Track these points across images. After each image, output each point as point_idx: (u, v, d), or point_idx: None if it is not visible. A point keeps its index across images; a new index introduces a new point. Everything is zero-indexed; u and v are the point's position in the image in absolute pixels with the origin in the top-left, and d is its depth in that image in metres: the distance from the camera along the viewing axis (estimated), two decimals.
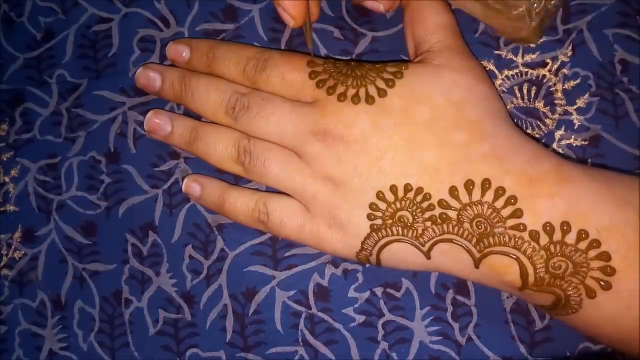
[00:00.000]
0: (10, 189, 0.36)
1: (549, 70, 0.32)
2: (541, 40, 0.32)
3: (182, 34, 0.35)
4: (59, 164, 0.36)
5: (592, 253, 0.26)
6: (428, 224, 0.28)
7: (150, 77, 0.34)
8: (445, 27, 0.30)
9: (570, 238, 0.26)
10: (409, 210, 0.28)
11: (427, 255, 0.28)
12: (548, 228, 0.26)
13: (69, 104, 0.36)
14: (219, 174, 0.34)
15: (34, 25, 0.37)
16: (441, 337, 0.31)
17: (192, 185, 0.33)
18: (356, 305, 0.32)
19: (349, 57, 0.33)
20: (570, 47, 0.32)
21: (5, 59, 0.38)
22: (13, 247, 0.36)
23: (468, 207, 0.27)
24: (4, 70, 0.37)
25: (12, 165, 0.37)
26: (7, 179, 0.37)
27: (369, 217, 0.28)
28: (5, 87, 0.37)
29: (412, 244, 0.28)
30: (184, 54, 0.34)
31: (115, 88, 0.36)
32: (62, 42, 0.37)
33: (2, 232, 0.36)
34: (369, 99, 0.29)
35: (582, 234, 0.26)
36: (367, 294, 0.32)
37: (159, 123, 0.33)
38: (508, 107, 0.32)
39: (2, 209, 0.36)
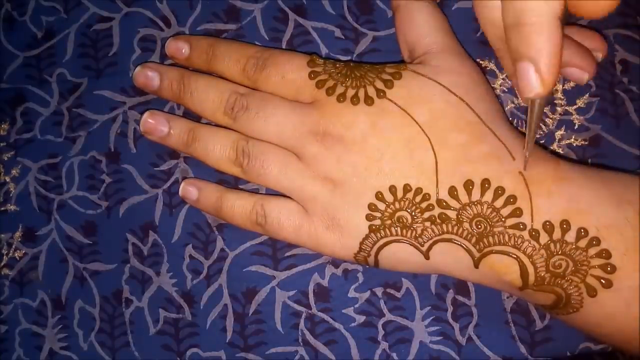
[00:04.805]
0: (11, 189, 0.36)
1: None
2: None
3: (183, 34, 0.35)
4: (60, 164, 0.36)
5: (592, 251, 0.26)
6: (427, 224, 0.28)
7: (148, 76, 0.33)
8: (438, 29, 0.30)
9: (570, 236, 0.26)
10: (408, 210, 0.28)
11: (426, 255, 0.28)
12: (548, 227, 0.26)
13: (70, 104, 0.36)
14: (219, 174, 0.34)
15: (36, 24, 0.37)
16: (441, 337, 0.31)
17: (189, 189, 0.33)
18: (356, 305, 0.32)
19: (350, 57, 0.33)
20: None
21: (4, 57, 0.38)
22: (14, 246, 0.36)
23: (467, 207, 0.27)
24: (4, 69, 0.37)
25: (13, 164, 0.37)
26: (7, 179, 0.37)
27: (367, 217, 0.28)
28: (6, 86, 0.37)
29: (410, 244, 0.28)
30: (183, 51, 0.33)
31: (115, 87, 0.35)
32: (63, 41, 0.36)
33: (2, 231, 0.36)
34: (368, 100, 0.29)
35: (582, 232, 0.26)
36: (367, 294, 0.32)
37: (155, 124, 0.33)
38: (508, 107, 0.32)
39: (2, 208, 0.36)
